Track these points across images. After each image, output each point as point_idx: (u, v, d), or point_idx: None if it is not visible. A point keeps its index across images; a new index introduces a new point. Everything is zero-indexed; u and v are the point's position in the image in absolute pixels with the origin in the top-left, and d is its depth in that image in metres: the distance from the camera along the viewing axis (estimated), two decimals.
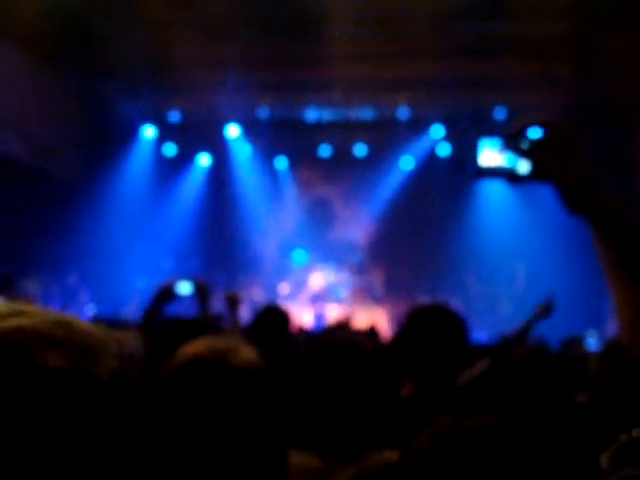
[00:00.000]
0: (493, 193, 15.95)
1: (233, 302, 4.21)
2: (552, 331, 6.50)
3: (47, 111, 13.98)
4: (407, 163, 16.84)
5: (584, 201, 1.20)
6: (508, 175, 1.30)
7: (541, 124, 1.26)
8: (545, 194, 13.02)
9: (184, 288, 3.46)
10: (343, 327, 4.54)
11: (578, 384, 3.72)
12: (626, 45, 11.15)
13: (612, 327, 13.33)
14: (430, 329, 2.64)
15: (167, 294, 3.46)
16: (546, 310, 5.10)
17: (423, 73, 14.51)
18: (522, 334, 4.56)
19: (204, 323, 2.87)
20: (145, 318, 3.40)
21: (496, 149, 1.30)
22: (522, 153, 1.25)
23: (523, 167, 1.27)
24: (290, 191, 17.67)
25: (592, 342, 7.74)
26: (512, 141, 1.26)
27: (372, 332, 6.10)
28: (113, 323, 5.89)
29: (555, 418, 2.98)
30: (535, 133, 1.24)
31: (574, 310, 13.62)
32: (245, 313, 8.03)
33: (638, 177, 13.54)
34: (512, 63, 13.37)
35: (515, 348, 4.08)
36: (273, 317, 3.94)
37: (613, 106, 13.75)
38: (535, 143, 1.24)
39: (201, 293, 3.55)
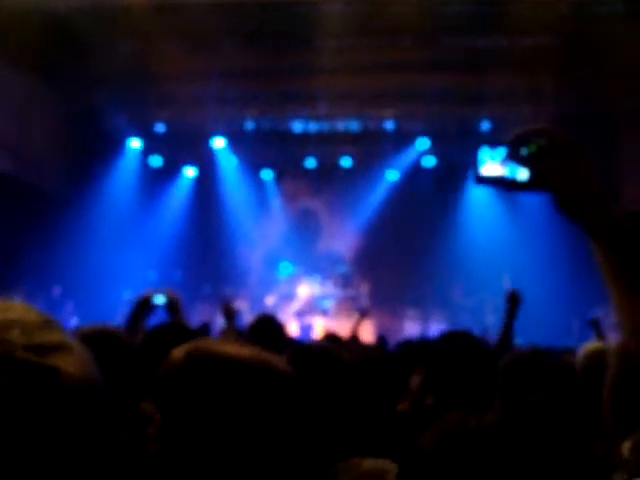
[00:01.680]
0: (479, 204, 16.02)
1: (229, 312, 4.30)
2: (539, 341, 6.51)
3: (32, 124, 13.93)
4: (392, 175, 16.88)
5: (582, 211, 1.20)
6: (508, 183, 1.31)
7: (543, 133, 1.27)
8: (530, 204, 13.10)
9: (159, 299, 3.68)
10: (332, 339, 4.52)
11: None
12: (611, 57, 11.25)
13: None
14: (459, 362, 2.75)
15: (145, 305, 3.66)
16: (514, 301, 5.09)
17: (409, 85, 14.57)
18: (505, 335, 4.53)
19: (186, 330, 2.86)
20: (127, 328, 3.49)
21: (496, 157, 1.31)
22: (523, 162, 1.26)
23: (523, 175, 1.28)
24: (276, 203, 17.68)
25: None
26: (513, 150, 1.26)
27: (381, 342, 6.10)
28: None
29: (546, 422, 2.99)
30: (536, 143, 1.25)
31: (560, 320, 13.71)
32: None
33: (624, 188, 13.62)
34: (498, 76, 13.45)
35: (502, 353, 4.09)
36: (270, 326, 3.94)
37: (599, 117, 13.85)
38: (536, 152, 1.25)
39: (172, 304, 3.72)
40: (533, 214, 13.91)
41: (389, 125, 15.58)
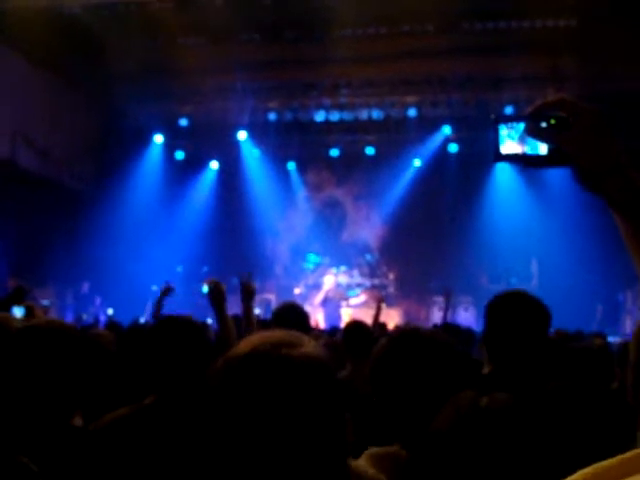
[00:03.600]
0: (504, 190, 15.91)
1: (248, 291, 4.20)
2: (568, 325, 6.50)
3: (59, 122, 14.06)
4: (416, 162, 16.82)
5: (604, 183, 1.17)
6: (528, 159, 1.28)
7: (563, 105, 1.23)
8: (557, 187, 12.93)
9: (204, 288, 3.84)
10: (356, 327, 4.53)
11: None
12: (633, 36, 11.07)
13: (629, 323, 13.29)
14: (516, 315, 2.76)
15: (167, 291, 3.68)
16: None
17: (430, 72, 14.51)
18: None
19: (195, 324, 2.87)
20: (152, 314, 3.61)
21: (515, 135, 1.28)
22: (542, 136, 1.23)
23: (543, 150, 1.26)
24: (300, 193, 17.68)
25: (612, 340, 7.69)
26: (532, 124, 1.24)
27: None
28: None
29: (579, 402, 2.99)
30: (556, 116, 1.23)
31: (588, 305, 13.61)
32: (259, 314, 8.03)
33: None
34: (519, 59, 13.34)
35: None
36: (295, 312, 3.96)
37: (624, 95, 13.63)
38: (556, 125, 1.22)
39: (212, 293, 3.77)
40: (560, 198, 13.78)
41: (411, 112, 15.49)
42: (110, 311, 13.82)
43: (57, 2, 10.75)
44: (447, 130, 16.11)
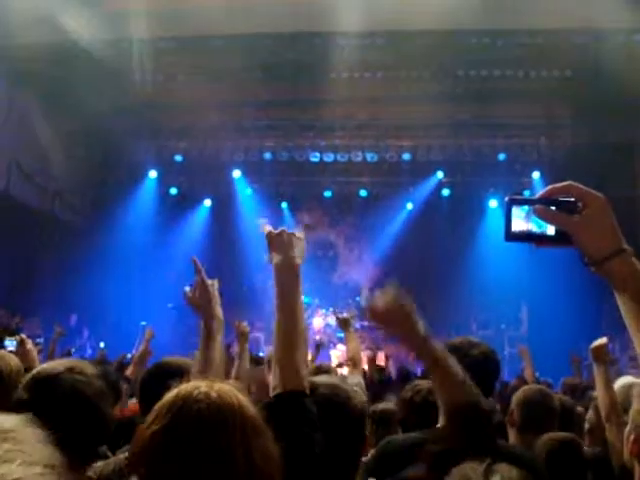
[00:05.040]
0: (495, 235, 15.93)
1: (242, 333, 4.70)
2: (558, 373, 6.49)
3: (54, 155, 14.09)
4: (409, 205, 16.90)
5: (608, 266, 1.24)
6: (538, 239, 1.34)
7: (571, 191, 1.30)
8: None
9: None
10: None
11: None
12: (629, 87, 11.19)
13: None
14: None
15: None
16: None
17: (425, 118, 14.64)
18: None
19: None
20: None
21: (522, 212, 1.34)
22: (552, 220, 1.29)
23: (550, 230, 1.31)
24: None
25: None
26: (543, 207, 1.29)
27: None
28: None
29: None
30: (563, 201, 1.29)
31: (579, 350, 13.54)
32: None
33: None
34: (513, 108, 13.49)
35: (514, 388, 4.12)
36: None
37: (615, 147, 13.76)
38: (565, 210, 1.29)
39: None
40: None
41: (405, 156, 15.60)
42: (102, 344, 13.70)
43: (62, 33, 10.80)
44: (440, 174, 16.23)
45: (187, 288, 2.73)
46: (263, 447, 1.33)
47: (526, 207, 1.34)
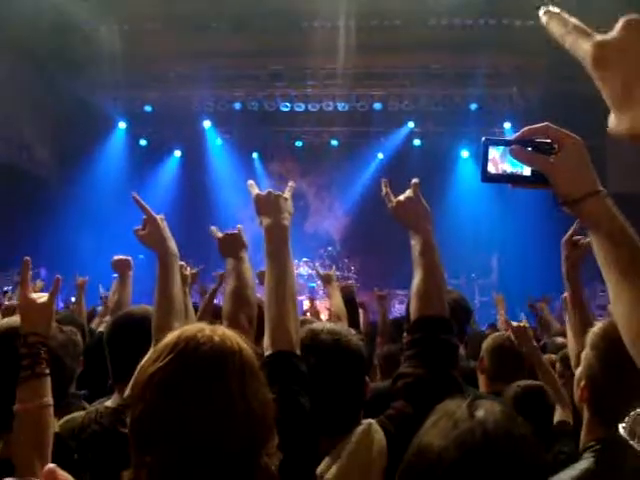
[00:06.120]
0: (466, 185, 16.03)
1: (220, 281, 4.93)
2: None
3: (21, 107, 13.83)
4: (380, 155, 16.89)
5: (582, 207, 1.25)
6: (514, 180, 1.35)
7: (548, 134, 1.31)
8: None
9: None
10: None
11: None
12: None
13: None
14: None
15: None
16: None
17: (396, 67, 14.56)
18: None
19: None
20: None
21: (502, 155, 1.35)
22: (528, 160, 1.30)
23: (527, 171, 1.32)
24: (264, 183, 17.59)
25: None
26: (519, 148, 1.30)
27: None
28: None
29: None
30: (542, 143, 1.30)
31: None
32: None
33: (609, 167, 13.63)
34: (485, 57, 13.42)
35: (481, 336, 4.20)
36: None
37: (586, 97, 13.79)
38: (541, 150, 1.30)
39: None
40: (520, 193, 13.93)
41: (377, 106, 15.52)
42: (73, 299, 13.64)
43: None
44: (411, 124, 16.21)
45: (138, 227, 2.68)
46: (260, 392, 1.38)
47: (502, 148, 1.35)
